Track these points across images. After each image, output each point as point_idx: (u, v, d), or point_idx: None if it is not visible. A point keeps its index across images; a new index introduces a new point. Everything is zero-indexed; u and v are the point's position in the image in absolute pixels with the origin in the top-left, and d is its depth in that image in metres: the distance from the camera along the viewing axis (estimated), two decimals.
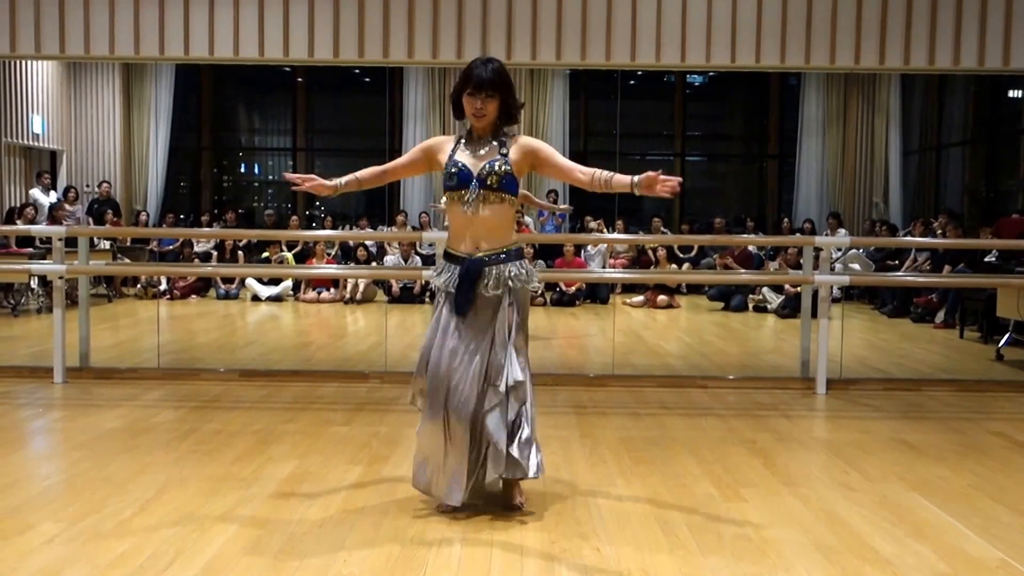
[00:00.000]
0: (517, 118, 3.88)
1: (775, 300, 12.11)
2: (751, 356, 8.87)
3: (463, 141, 3.88)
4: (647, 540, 3.49)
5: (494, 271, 3.75)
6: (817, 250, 6.87)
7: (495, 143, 3.84)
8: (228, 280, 13.21)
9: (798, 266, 11.31)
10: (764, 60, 7.28)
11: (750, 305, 12.50)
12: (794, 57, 7.25)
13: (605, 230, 14.42)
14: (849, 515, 3.83)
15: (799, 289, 9.29)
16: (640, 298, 12.80)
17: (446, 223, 4.03)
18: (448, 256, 3.87)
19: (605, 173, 3.75)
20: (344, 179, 3.97)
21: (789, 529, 3.65)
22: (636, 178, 3.64)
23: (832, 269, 7.09)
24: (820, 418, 5.90)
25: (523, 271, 3.82)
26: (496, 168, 3.75)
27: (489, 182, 3.75)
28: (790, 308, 11.33)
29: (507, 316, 3.77)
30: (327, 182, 3.94)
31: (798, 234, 14.23)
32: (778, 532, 3.61)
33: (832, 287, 6.91)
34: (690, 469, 4.53)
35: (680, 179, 3.64)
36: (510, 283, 3.76)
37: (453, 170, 3.78)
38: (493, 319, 3.76)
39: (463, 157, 3.82)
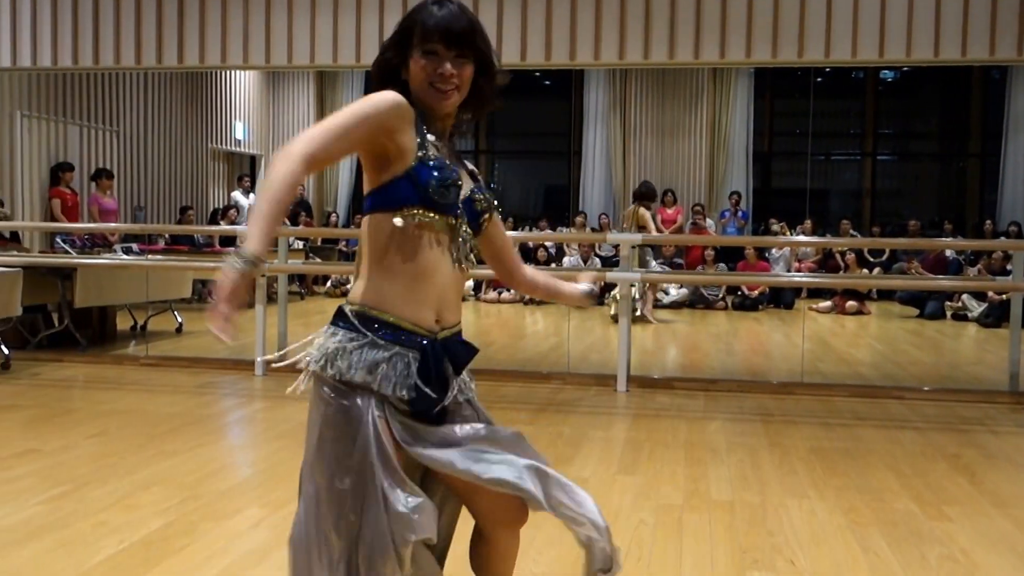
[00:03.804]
0: (489, 107, 2.19)
1: (977, 308, 11.44)
2: (951, 367, 8.41)
3: (424, 127, 2.00)
4: (844, 556, 3.35)
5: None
6: None
7: (452, 146, 2.11)
8: None
9: (1003, 272, 10.67)
10: (971, 53, 6.87)
11: (948, 313, 11.86)
12: (1005, 49, 6.81)
13: (789, 232, 13.98)
14: None
15: (1004, 297, 8.74)
16: (828, 303, 12.38)
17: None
18: (376, 324, 1.95)
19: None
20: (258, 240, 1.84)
21: (1000, 553, 3.42)
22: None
23: None
24: None
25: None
26: (488, 197, 2.13)
27: (484, 218, 2.12)
28: (994, 317, 10.69)
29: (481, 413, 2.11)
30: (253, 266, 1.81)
31: (1003, 238, 13.40)
32: (988, 555, 3.39)
33: None
34: (888, 483, 4.32)
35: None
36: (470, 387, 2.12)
37: (447, 181, 1.97)
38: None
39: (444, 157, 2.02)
